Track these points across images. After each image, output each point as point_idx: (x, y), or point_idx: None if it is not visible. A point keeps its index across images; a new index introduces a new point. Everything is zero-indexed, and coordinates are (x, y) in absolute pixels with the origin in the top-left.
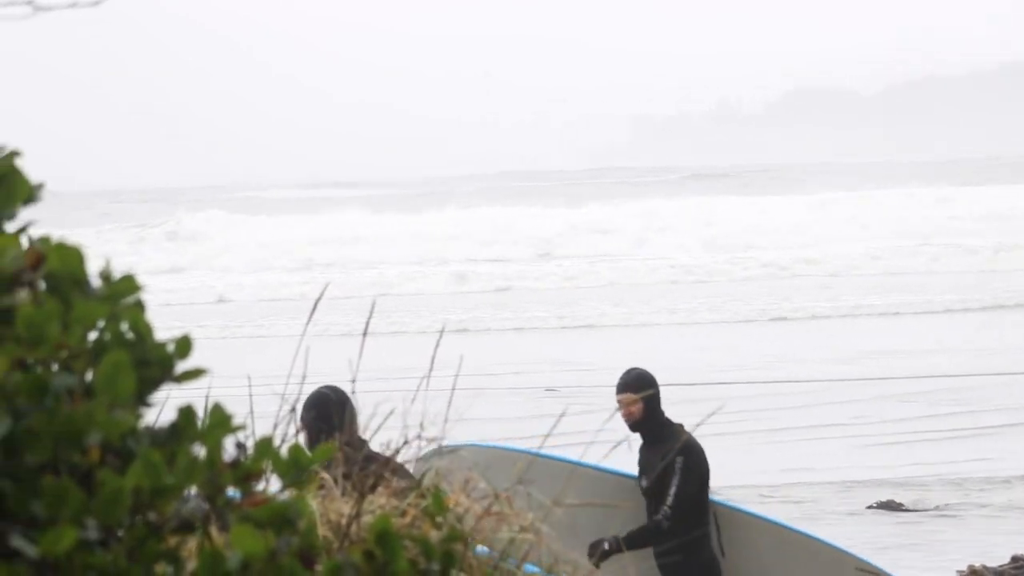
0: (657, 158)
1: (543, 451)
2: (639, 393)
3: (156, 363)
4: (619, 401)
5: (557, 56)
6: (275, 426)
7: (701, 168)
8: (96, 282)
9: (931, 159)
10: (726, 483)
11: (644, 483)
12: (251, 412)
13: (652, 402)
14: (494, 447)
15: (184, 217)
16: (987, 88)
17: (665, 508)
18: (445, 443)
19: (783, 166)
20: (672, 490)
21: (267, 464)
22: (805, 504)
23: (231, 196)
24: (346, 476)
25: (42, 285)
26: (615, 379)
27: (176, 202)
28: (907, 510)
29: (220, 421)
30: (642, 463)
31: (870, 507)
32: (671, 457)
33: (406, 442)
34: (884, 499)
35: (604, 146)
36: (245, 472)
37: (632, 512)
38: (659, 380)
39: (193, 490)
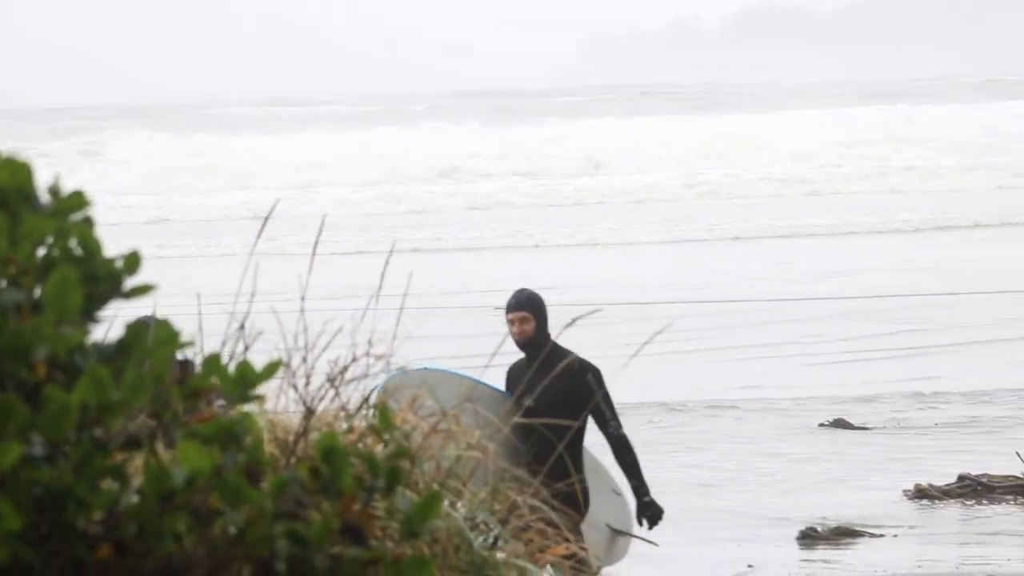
0: (609, 78)
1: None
2: (531, 312)
3: (104, 279)
4: (510, 320)
5: None
6: (223, 343)
7: (654, 87)
8: (45, 198)
9: (889, 78)
10: (679, 398)
11: (528, 401)
12: (200, 330)
13: (542, 321)
14: (437, 370)
15: (113, 137)
16: (943, 8)
17: (613, 422)
18: (392, 370)
19: (738, 85)
20: (603, 405)
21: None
22: (756, 420)
23: (199, 113)
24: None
25: None
26: (567, 298)
27: (109, 119)
28: (857, 428)
29: (167, 337)
30: (520, 382)
31: (821, 424)
32: (571, 376)
33: (354, 359)
34: (835, 417)
35: (554, 67)
36: (192, 389)
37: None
38: (613, 299)
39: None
